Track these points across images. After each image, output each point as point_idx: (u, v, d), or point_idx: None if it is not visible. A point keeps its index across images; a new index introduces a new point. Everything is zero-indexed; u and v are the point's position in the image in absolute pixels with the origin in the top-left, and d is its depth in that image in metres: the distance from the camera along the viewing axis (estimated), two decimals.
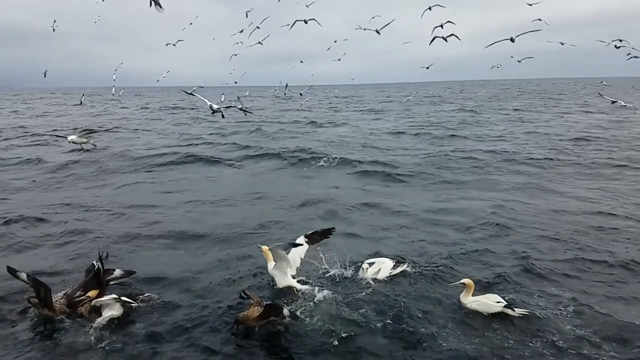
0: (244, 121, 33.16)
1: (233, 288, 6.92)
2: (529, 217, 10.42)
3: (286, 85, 18.27)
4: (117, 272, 6.84)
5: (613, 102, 21.65)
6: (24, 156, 19.40)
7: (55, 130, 27.71)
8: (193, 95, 9.34)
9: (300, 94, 43.28)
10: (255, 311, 5.54)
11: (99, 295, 6.26)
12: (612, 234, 9.23)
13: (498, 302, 6.09)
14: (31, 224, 10.43)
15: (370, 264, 7.25)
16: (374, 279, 7.08)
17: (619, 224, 9.78)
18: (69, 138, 8.94)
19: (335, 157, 18.06)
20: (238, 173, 16.68)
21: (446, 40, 12.47)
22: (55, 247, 9.03)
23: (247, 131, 27.78)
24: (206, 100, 9.85)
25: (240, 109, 9.67)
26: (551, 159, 17.44)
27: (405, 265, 7.39)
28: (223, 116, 9.30)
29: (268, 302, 5.58)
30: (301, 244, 6.75)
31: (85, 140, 8.74)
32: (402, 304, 6.33)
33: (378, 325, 5.80)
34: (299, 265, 6.83)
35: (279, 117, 37.79)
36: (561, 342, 5.46)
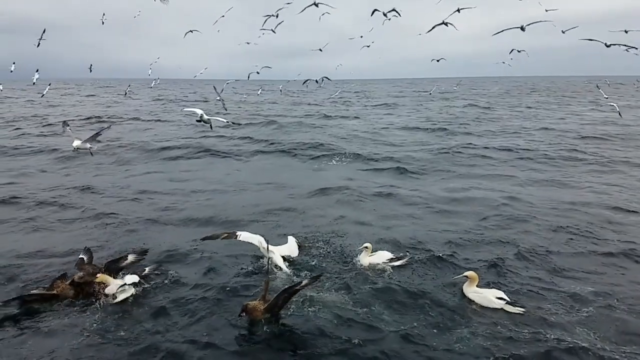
0: (256, 114, 33.35)
1: (238, 270, 7.18)
2: (544, 210, 10.38)
3: (322, 79, 17.93)
4: (131, 257, 6.95)
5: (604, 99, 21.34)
6: (39, 145, 19.81)
7: (64, 121, 28.09)
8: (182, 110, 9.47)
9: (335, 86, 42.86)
10: (260, 304, 5.54)
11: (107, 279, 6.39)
12: (630, 228, 9.17)
13: (500, 298, 6.06)
14: (52, 207, 10.78)
15: (367, 248, 7.25)
16: (370, 266, 7.16)
17: (635, 220, 9.71)
18: (74, 144, 8.90)
19: (348, 151, 18.18)
20: (250, 164, 16.82)
21: (447, 26, 12.28)
22: (76, 229, 9.31)
23: (261, 123, 27.85)
24: (196, 110, 9.80)
25: (233, 122, 9.45)
26: (566, 155, 17.32)
27: (404, 260, 7.29)
28: (211, 127, 9.21)
29: (274, 301, 5.52)
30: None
31: (89, 145, 8.73)
32: (408, 292, 6.38)
33: (383, 317, 5.78)
34: (288, 254, 7.40)
35: (291, 111, 37.84)
36: (569, 339, 5.32)
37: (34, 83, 15.90)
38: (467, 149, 18.84)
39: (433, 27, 12.63)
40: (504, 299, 6.05)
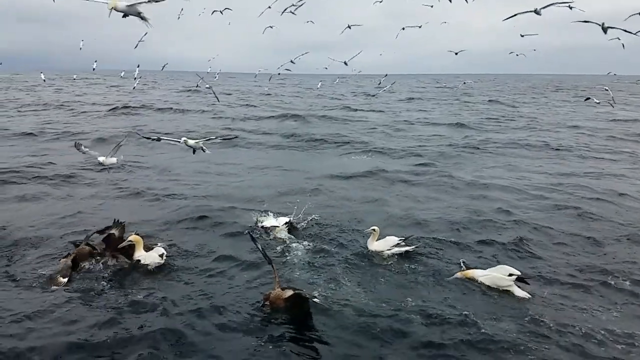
0: (278, 106, 33.63)
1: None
2: (586, 201, 10.60)
3: (348, 61, 17.60)
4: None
5: (587, 99, 20.89)
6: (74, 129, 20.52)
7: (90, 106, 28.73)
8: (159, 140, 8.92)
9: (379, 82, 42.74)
10: (282, 293, 5.46)
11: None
12: None
13: (510, 274, 6.11)
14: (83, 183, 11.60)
15: (374, 231, 7.35)
16: (376, 250, 7.30)
17: None
18: (100, 160, 8.96)
19: (372, 144, 18.47)
20: (273, 153, 17.21)
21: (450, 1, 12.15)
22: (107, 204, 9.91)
23: (281, 116, 28.08)
24: (178, 140, 9.72)
25: (225, 138, 9.28)
26: (605, 150, 17.36)
27: (412, 247, 7.27)
28: (203, 150, 8.82)
29: (297, 292, 5.35)
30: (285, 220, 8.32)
31: (115, 160, 8.86)
32: (422, 283, 6.42)
33: (396, 306, 5.72)
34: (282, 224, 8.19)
35: (314, 104, 38.01)
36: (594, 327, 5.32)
37: (135, 78, 16.82)
38: (492, 143, 18.89)
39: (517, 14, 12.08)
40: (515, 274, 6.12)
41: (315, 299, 5.13)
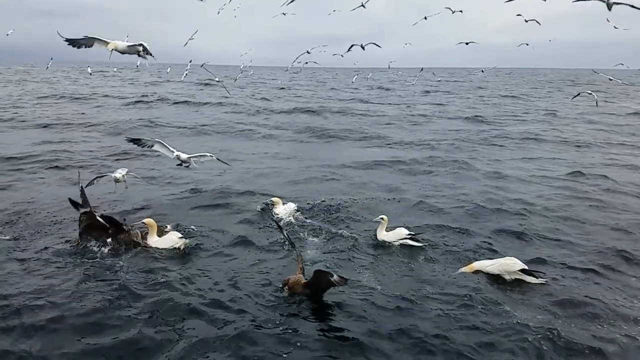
0: (293, 100, 33.56)
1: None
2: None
3: (367, 45, 17.08)
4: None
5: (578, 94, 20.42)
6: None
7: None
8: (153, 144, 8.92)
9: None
10: (302, 278, 5.53)
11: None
12: None
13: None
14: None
15: (383, 219, 7.30)
16: (384, 240, 7.25)
17: None
18: (116, 176, 9.12)
19: (389, 137, 18.44)
20: (289, 144, 17.28)
21: None
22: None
23: (299, 110, 28.07)
24: (172, 150, 9.56)
25: (219, 160, 9.36)
26: (624, 143, 17.23)
27: (419, 244, 7.12)
28: (189, 166, 8.82)
29: (318, 269, 5.34)
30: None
31: (132, 173, 8.82)
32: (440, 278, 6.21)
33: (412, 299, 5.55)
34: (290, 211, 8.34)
35: (331, 99, 37.90)
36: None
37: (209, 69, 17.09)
38: (508, 136, 18.74)
39: None
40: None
41: (333, 277, 5.11)
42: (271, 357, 4.42)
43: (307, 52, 17.68)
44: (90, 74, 45.81)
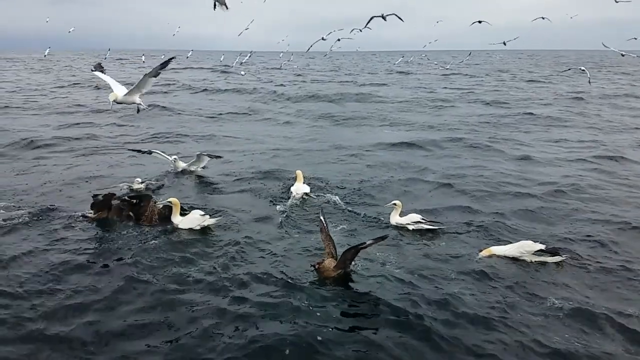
0: (309, 85, 33.36)
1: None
2: None
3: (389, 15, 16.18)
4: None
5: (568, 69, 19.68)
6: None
7: None
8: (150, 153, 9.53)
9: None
10: (332, 263, 5.53)
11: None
12: None
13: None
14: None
15: (396, 205, 7.23)
16: (398, 224, 7.20)
17: None
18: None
19: (406, 120, 18.43)
20: (306, 129, 17.23)
21: None
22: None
23: (316, 96, 27.93)
24: (167, 157, 9.54)
25: (216, 156, 9.62)
26: None
27: (432, 226, 7.07)
28: (183, 172, 9.56)
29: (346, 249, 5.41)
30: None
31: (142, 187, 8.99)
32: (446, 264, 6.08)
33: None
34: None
35: (347, 83, 37.62)
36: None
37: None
38: (533, 118, 18.46)
39: None
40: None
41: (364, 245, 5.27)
42: (298, 331, 4.47)
43: (323, 39, 17.49)
44: (144, 61, 49.80)
